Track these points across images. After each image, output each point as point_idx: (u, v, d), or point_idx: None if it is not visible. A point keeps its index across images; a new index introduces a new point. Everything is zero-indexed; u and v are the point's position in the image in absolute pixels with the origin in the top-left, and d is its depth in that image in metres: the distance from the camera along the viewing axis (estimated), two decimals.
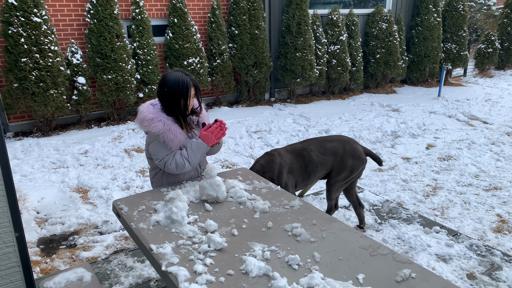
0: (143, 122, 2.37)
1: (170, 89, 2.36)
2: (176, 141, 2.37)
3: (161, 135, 2.34)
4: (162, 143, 2.37)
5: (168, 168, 2.40)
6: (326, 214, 2.16)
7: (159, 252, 1.79)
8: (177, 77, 2.37)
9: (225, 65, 7.72)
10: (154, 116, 2.36)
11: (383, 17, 9.48)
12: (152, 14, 7.25)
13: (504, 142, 6.15)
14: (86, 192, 4.43)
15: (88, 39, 6.42)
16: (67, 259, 3.28)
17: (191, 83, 2.40)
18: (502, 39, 12.47)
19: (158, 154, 2.41)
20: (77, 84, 6.34)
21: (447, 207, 4.15)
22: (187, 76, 2.40)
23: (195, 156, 2.42)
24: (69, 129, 6.55)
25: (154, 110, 2.40)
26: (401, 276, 1.61)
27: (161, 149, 2.39)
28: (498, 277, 2.90)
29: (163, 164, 2.41)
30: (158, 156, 2.41)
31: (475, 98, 9.09)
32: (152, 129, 2.34)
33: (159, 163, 2.42)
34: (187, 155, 2.40)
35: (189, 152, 2.41)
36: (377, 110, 8.08)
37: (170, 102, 2.39)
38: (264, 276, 1.64)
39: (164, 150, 2.39)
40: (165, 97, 2.39)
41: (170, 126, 2.36)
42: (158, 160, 2.42)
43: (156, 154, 2.42)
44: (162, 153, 2.40)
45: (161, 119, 2.36)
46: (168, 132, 2.34)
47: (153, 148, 2.42)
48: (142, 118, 2.38)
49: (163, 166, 2.42)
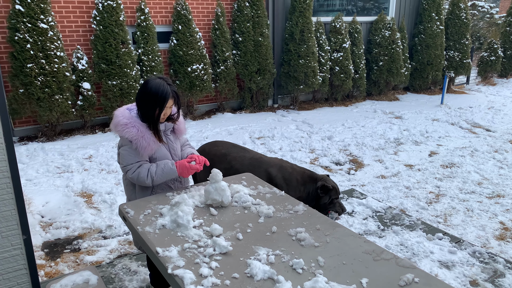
0: (117, 127, 2.35)
1: (148, 96, 2.34)
2: (148, 148, 2.35)
3: (134, 142, 2.32)
4: (134, 149, 2.35)
5: (129, 176, 2.38)
6: (330, 220, 2.18)
7: (165, 255, 1.81)
8: (157, 85, 2.34)
9: (228, 72, 7.77)
10: (128, 122, 2.34)
11: (386, 25, 9.53)
12: (157, 21, 7.33)
13: (507, 150, 6.16)
14: (90, 196, 4.46)
15: (94, 45, 6.49)
16: (71, 263, 3.30)
17: (170, 94, 2.36)
18: (505, 47, 12.51)
19: (126, 160, 2.38)
20: (82, 90, 6.40)
21: (450, 214, 4.16)
22: (168, 86, 2.36)
23: (161, 178, 2.39)
24: (74, 134, 6.60)
25: (129, 115, 2.38)
26: (404, 280, 1.62)
27: (130, 155, 2.37)
28: (501, 284, 2.91)
29: (126, 170, 2.38)
30: (125, 161, 2.38)
31: (478, 106, 9.11)
32: (125, 135, 2.33)
33: (123, 168, 2.39)
34: (154, 174, 2.37)
35: (157, 171, 2.37)
36: (380, 117, 8.10)
37: (146, 108, 2.36)
38: (269, 280, 1.66)
39: (132, 157, 2.37)
40: (142, 103, 2.37)
41: (144, 133, 2.34)
42: (123, 165, 2.39)
43: (123, 159, 2.39)
44: (130, 160, 2.37)
45: (135, 125, 2.34)
46: (142, 139, 2.32)
47: (123, 152, 2.39)
48: (116, 122, 2.36)
49: (125, 172, 2.39)
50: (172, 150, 2.57)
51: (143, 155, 2.38)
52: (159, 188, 2.53)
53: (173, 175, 2.41)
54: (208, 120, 7.61)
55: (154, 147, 2.40)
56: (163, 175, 2.39)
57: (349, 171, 5.39)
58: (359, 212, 4.08)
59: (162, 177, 2.40)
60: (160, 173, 2.38)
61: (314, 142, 6.43)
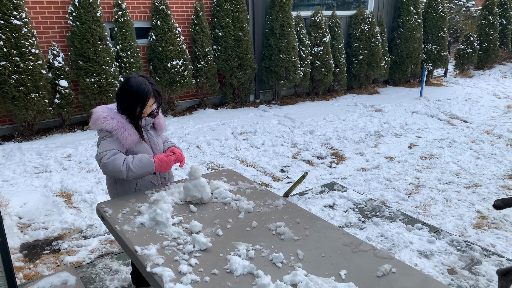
0: (96, 121, 2.31)
1: (129, 93, 2.32)
2: (130, 139, 2.32)
3: (114, 132, 2.28)
4: (115, 139, 2.30)
5: (103, 161, 2.25)
6: (309, 213, 2.19)
7: (143, 253, 1.80)
8: (139, 83, 2.32)
9: (209, 67, 7.73)
10: (107, 115, 2.32)
11: (365, 18, 9.61)
12: (135, 17, 7.22)
13: (484, 141, 6.31)
14: (70, 196, 4.39)
15: (71, 41, 6.35)
16: (51, 264, 3.24)
17: (152, 93, 2.35)
18: (481, 40, 12.77)
19: (102, 147, 2.29)
20: (59, 88, 6.26)
21: (429, 204, 4.24)
22: (149, 85, 2.34)
23: (138, 170, 2.29)
24: (52, 133, 6.46)
25: (107, 110, 2.36)
26: (382, 271, 1.65)
27: (107, 143, 2.29)
28: (478, 271, 2.98)
29: (100, 157, 2.27)
30: (102, 148, 2.28)
31: (456, 98, 9.29)
32: (105, 126, 2.29)
33: (99, 155, 2.29)
34: (131, 163, 2.27)
35: (135, 162, 2.28)
36: (360, 110, 8.19)
37: (126, 106, 2.35)
38: (249, 275, 1.66)
39: (110, 144, 2.29)
40: (123, 100, 2.35)
41: (124, 125, 2.32)
42: (99, 152, 2.29)
43: (101, 147, 2.29)
44: (107, 147, 2.28)
45: (115, 117, 2.32)
46: (122, 129, 2.30)
47: (101, 142, 2.32)
48: (95, 118, 2.33)
49: (99, 160, 2.27)
50: (154, 145, 2.54)
51: (124, 145, 2.33)
52: (142, 186, 2.49)
53: (150, 167, 2.33)
54: (190, 117, 7.56)
55: (135, 138, 2.37)
56: (140, 165, 2.29)
57: (331, 165, 5.44)
58: (340, 204, 4.12)
59: (140, 168, 2.29)
60: (138, 163, 2.29)
61: (296, 136, 6.46)
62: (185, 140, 6.15)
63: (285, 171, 5.22)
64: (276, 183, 4.84)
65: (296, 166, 5.37)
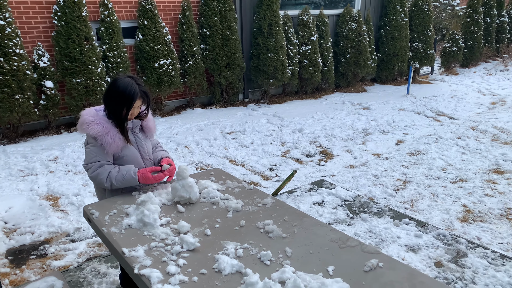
0: (82, 125, 2.31)
1: (115, 94, 2.29)
2: (114, 145, 2.30)
3: (99, 138, 2.27)
4: (99, 147, 2.30)
5: (88, 174, 2.33)
6: (297, 210, 2.20)
7: (131, 255, 1.78)
8: (126, 84, 2.29)
9: (197, 66, 7.70)
10: (93, 119, 2.30)
11: (353, 17, 9.67)
12: (121, 16, 7.15)
13: (469, 136, 6.40)
14: (57, 199, 4.33)
15: (56, 41, 6.27)
16: (37, 269, 3.20)
17: (139, 94, 2.31)
18: (466, 38, 12.95)
19: (87, 158, 2.33)
20: (44, 89, 6.18)
21: (416, 199, 4.29)
22: (137, 86, 2.31)
23: (121, 184, 2.32)
24: (38, 135, 6.38)
25: (95, 114, 2.34)
26: (369, 266, 1.66)
27: (92, 153, 2.32)
28: (464, 263, 3.03)
29: (86, 169, 2.34)
30: (86, 159, 2.34)
31: (442, 95, 9.41)
32: (90, 131, 2.28)
33: (84, 166, 2.35)
34: (114, 177, 2.30)
35: (118, 176, 2.31)
36: (348, 108, 8.24)
37: (113, 107, 2.32)
38: (237, 274, 1.66)
39: (94, 155, 2.32)
40: (109, 101, 2.32)
41: (109, 130, 2.30)
42: (84, 163, 2.35)
43: (86, 157, 2.34)
44: (92, 158, 2.32)
45: (100, 121, 2.30)
46: (106, 135, 2.27)
47: (87, 150, 2.35)
48: (82, 121, 2.31)
49: (86, 170, 2.35)
50: (142, 149, 2.51)
51: (108, 152, 2.31)
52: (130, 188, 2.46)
53: (134, 183, 2.34)
54: (178, 116, 7.53)
55: (120, 144, 2.34)
56: (123, 182, 2.32)
57: (319, 162, 5.47)
58: (328, 201, 4.14)
59: (122, 184, 2.33)
60: (121, 179, 2.31)
61: (285, 135, 6.47)
62: (174, 140, 6.12)
63: (274, 170, 5.23)
64: (266, 182, 4.85)
65: (285, 164, 5.38)
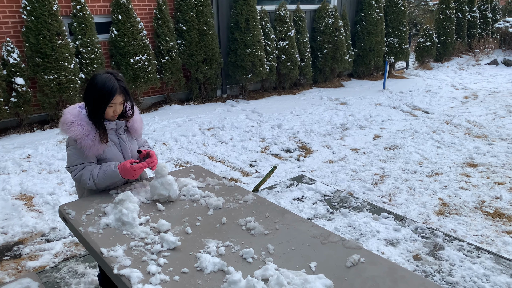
0: (63, 125, 2.24)
1: (94, 91, 2.21)
2: (94, 148, 2.24)
3: (78, 141, 2.21)
4: (79, 149, 2.24)
5: (72, 177, 2.32)
6: (279, 207, 2.20)
7: (110, 255, 1.74)
8: (104, 80, 2.20)
9: (174, 62, 7.59)
10: (74, 120, 2.22)
11: (329, 12, 9.73)
12: (94, 11, 6.96)
13: (444, 130, 6.56)
14: (31, 198, 4.20)
15: (26, 37, 6.05)
16: (12, 270, 3.10)
17: (118, 89, 2.22)
18: (439, 33, 13.24)
19: (70, 161, 2.30)
20: (15, 85, 5.96)
21: (394, 194, 4.36)
22: (116, 81, 2.22)
23: (104, 182, 2.28)
24: (9, 134, 6.16)
25: (77, 114, 2.26)
26: (351, 261, 1.67)
27: (74, 155, 2.28)
28: (441, 256, 3.10)
29: (70, 171, 2.31)
30: (69, 162, 2.31)
31: (417, 90, 9.60)
32: (70, 133, 2.22)
33: (68, 168, 2.32)
34: (96, 176, 2.26)
35: (99, 174, 2.26)
36: (326, 104, 8.31)
37: (92, 105, 2.25)
38: (219, 272, 1.64)
39: (77, 158, 2.27)
40: (88, 99, 2.25)
41: (89, 132, 2.23)
42: (67, 166, 2.32)
43: (68, 159, 2.31)
44: (74, 161, 2.29)
45: (81, 123, 2.23)
46: (86, 138, 2.21)
47: (68, 152, 2.31)
48: (63, 120, 2.25)
49: (70, 173, 2.32)
50: (124, 151, 2.43)
51: (88, 155, 2.25)
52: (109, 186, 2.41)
53: (116, 177, 2.29)
54: (155, 113, 7.41)
55: (100, 147, 2.27)
56: (105, 178, 2.27)
57: (299, 158, 5.49)
58: (308, 197, 4.17)
59: (105, 180, 2.27)
60: (102, 176, 2.26)
61: (264, 131, 6.47)
62: (151, 137, 6.02)
63: (254, 166, 5.22)
64: (246, 178, 4.83)
65: (265, 160, 5.38)
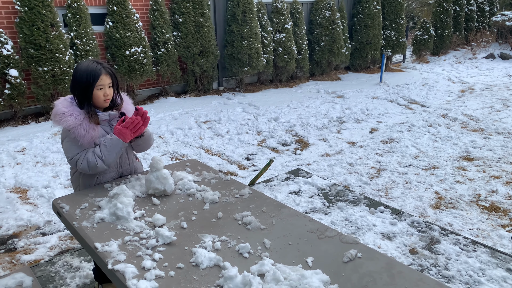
0: (55, 116, 2.21)
1: (79, 77, 2.20)
2: (87, 136, 2.21)
3: (72, 131, 2.19)
4: (73, 139, 2.21)
5: (79, 167, 2.24)
6: (275, 201, 2.18)
7: (104, 250, 1.72)
8: (87, 64, 2.21)
9: (170, 54, 7.52)
10: (66, 110, 2.20)
11: (326, 5, 9.67)
12: (89, 2, 6.87)
13: (440, 124, 6.55)
14: (25, 192, 4.17)
15: (19, 28, 5.97)
16: (6, 264, 3.08)
17: (103, 70, 2.21)
18: (436, 26, 13.21)
19: (69, 152, 2.25)
20: (9, 77, 5.89)
21: (390, 187, 4.36)
22: (98, 64, 2.22)
23: (109, 154, 2.23)
24: (3, 126, 6.10)
25: (68, 104, 2.24)
26: (348, 256, 1.66)
27: (72, 146, 2.24)
28: (437, 250, 3.11)
29: (74, 163, 2.25)
30: (69, 154, 2.26)
31: (414, 83, 9.59)
32: (63, 124, 2.19)
33: (70, 161, 2.26)
34: (100, 153, 2.22)
35: (102, 150, 2.22)
36: (323, 97, 8.28)
37: (80, 93, 2.22)
38: (215, 267, 1.63)
39: (75, 147, 2.23)
40: (75, 87, 2.23)
41: (82, 121, 2.20)
42: (69, 158, 2.26)
43: (67, 152, 2.26)
44: (73, 151, 2.24)
45: (73, 113, 2.21)
46: (79, 127, 2.18)
47: (65, 145, 2.27)
48: (55, 112, 2.21)
49: (75, 165, 2.26)
50: None
51: (83, 143, 2.22)
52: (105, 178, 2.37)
53: (119, 144, 2.24)
54: (151, 105, 7.36)
55: (94, 135, 2.24)
56: (109, 150, 2.22)
57: (295, 151, 5.47)
58: (305, 190, 4.16)
59: (110, 153, 2.23)
60: (105, 150, 2.22)
61: (261, 124, 6.44)
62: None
63: (251, 159, 5.20)
64: (242, 172, 4.81)
65: (262, 153, 5.36)
